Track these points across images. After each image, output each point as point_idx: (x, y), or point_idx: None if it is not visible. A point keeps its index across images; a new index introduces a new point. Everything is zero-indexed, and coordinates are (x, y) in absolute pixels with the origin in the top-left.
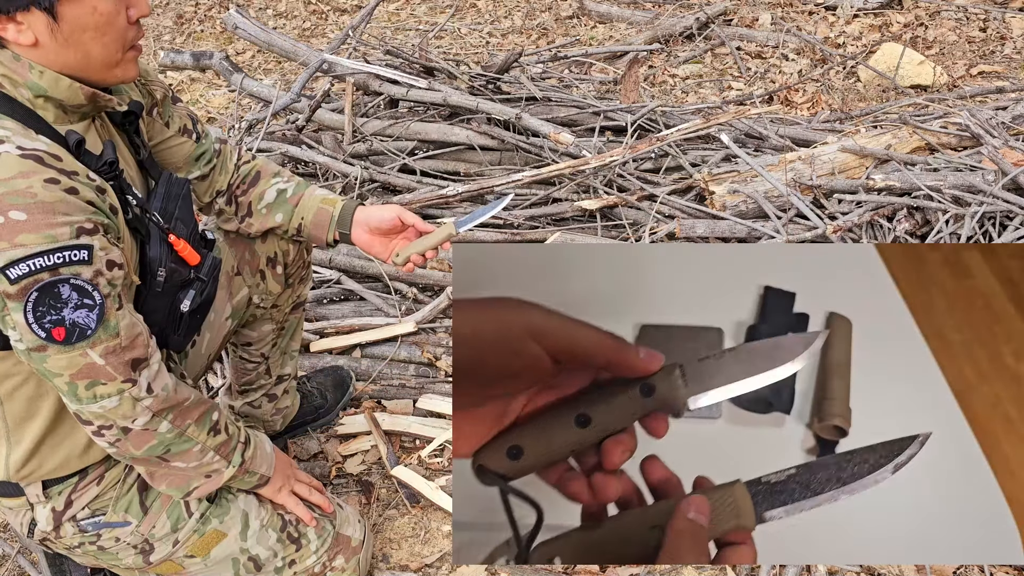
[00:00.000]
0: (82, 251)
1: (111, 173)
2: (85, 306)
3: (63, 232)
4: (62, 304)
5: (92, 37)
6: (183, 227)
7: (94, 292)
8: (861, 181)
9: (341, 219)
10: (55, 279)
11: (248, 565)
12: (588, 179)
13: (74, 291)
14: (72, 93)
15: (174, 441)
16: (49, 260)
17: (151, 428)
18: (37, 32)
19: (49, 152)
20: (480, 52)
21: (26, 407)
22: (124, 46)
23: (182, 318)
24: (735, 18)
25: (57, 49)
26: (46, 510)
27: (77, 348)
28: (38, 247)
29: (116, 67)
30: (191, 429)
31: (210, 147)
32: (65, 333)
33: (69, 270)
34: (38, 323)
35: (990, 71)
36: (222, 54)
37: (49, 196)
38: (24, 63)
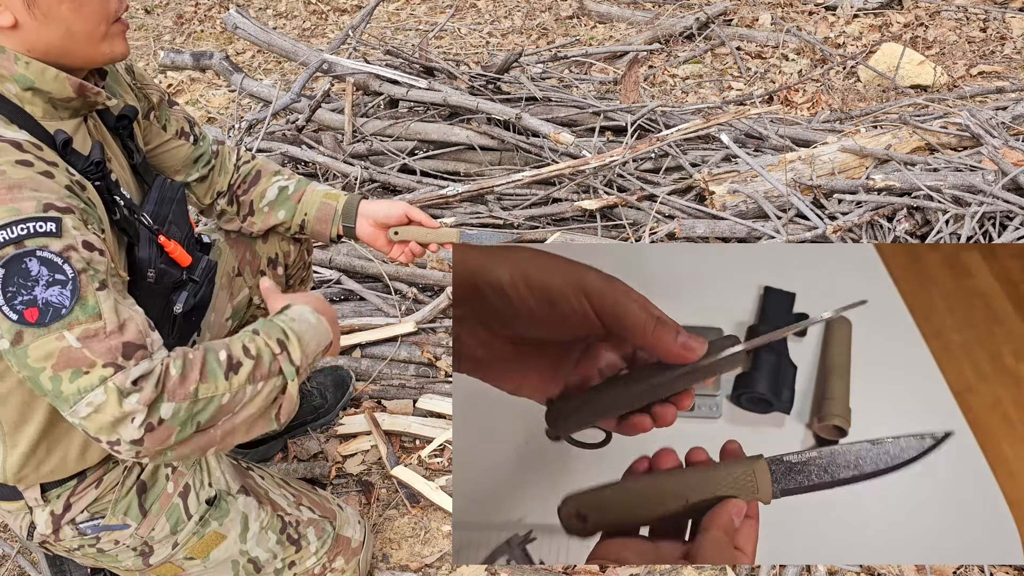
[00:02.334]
0: (48, 223)
1: (97, 173)
2: (57, 283)
3: (28, 206)
4: (32, 282)
5: (70, 9)
6: (177, 230)
7: (64, 265)
8: (861, 181)
9: (346, 213)
10: (21, 251)
11: (248, 567)
12: (588, 179)
13: (43, 265)
14: (59, 85)
15: (196, 411)
16: (12, 232)
17: (155, 420)
18: (15, 11)
19: (28, 141)
20: (480, 52)
21: (20, 411)
22: (107, 18)
23: (175, 320)
24: (735, 18)
25: (37, 28)
26: (45, 513)
27: (52, 330)
28: (1, 219)
29: (102, 41)
30: (201, 389)
31: (208, 149)
32: (38, 313)
33: (35, 242)
34: (9, 305)
35: (990, 71)
36: (222, 54)
37: (18, 174)
38: (9, 55)
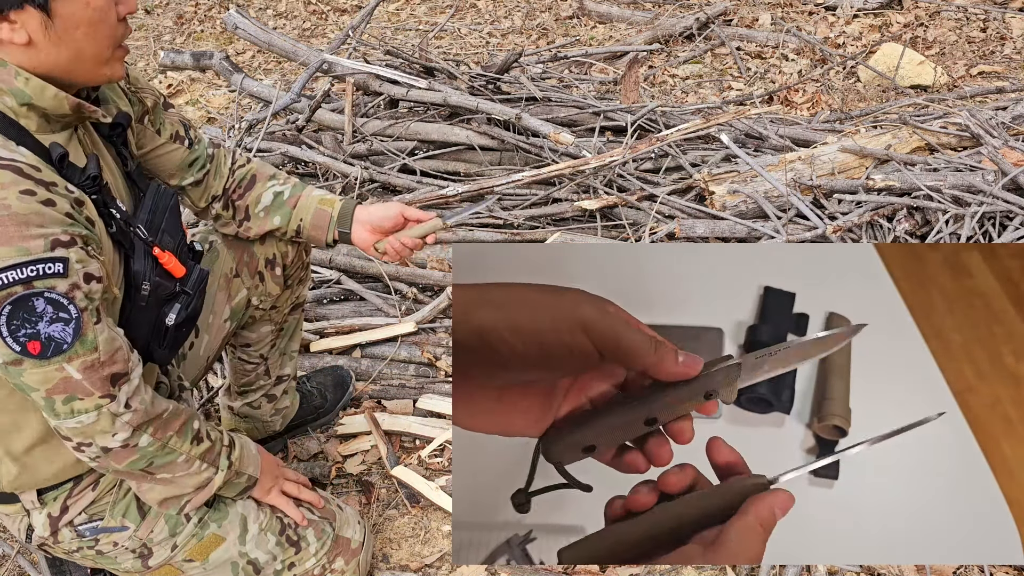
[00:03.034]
0: (57, 264)
1: (93, 187)
2: (61, 320)
3: (37, 245)
4: (36, 318)
5: (85, 33)
6: (170, 239)
7: (69, 306)
8: (861, 181)
9: (341, 219)
10: (29, 292)
11: (247, 569)
12: (588, 179)
13: (49, 305)
14: (57, 103)
15: (157, 454)
16: (22, 273)
17: (132, 443)
18: (31, 31)
19: (28, 163)
20: (480, 52)
21: (13, 419)
22: (114, 43)
23: (167, 332)
24: (735, 18)
25: (49, 48)
26: (42, 516)
27: (53, 363)
28: (11, 260)
29: (105, 65)
30: (173, 440)
31: (203, 153)
32: (40, 347)
33: (43, 283)
34: (12, 336)
35: (990, 71)
36: (222, 54)
37: (23, 208)
38: (10, 69)
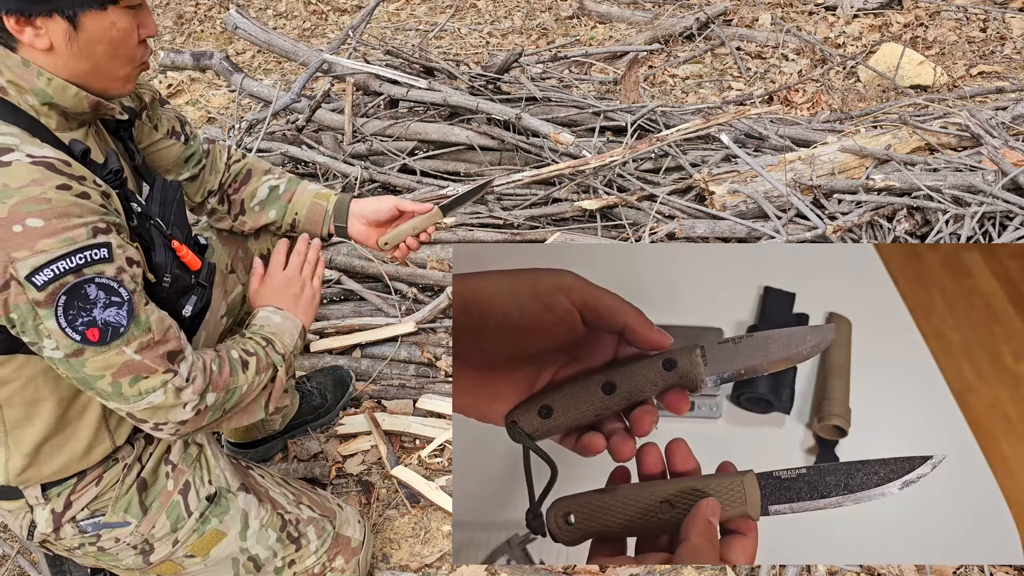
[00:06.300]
0: (102, 249)
1: (116, 181)
2: (114, 304)
3: (80, 233)
4: (91, 304)
5: (106, 51)
6: (179, 232)
7: (120, 289)
8: (861, 181)
9: (337, 213)
10: (80, 280)
11: (248, 565)
12: (588, 179)
13: (100, 290)
14: (77, 101)
15: (226, 400)
16: (72, 262)
17: (201, 407)
18: (54, 38)
19: (58, 159)
20: (480, 52)
21: (24, 412)
22: (132, 62)
23: (183, 324)
24: (735, 18)
25: (69, 57)
26: (45, 512)
27: (113, 347)
28: (59, 251)
29: (118, 80)
30: (230, 381)
31: (199, 148)
32: (99, 333)
33: (92, 269)
34: (71, 326)
35: (990, 71)
36: (222, 54)
37: (62, 201)
38: (32, 69)
